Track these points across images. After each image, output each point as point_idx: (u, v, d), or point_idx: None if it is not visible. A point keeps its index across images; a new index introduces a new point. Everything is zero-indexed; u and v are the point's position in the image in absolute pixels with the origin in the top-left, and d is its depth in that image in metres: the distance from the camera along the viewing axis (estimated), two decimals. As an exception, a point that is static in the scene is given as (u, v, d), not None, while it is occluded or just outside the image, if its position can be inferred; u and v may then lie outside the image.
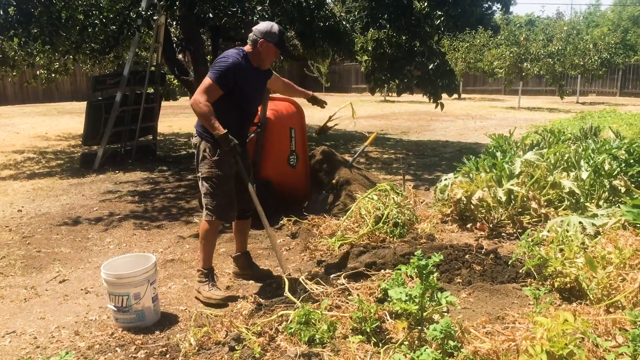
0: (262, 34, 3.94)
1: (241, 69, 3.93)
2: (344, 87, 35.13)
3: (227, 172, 4.02)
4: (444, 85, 9.71)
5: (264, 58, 4.05)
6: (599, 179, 5.34)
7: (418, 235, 5.05)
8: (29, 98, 23.91)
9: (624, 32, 34.22)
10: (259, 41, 3.95)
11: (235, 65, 3.90)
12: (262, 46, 3.96)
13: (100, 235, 5.75)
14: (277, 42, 3.98)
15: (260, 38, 3.95)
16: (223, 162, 3.99)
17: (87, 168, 9.35)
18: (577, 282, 3.34)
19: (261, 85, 4.29)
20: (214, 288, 4.10)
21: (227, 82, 3.87)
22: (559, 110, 21.08)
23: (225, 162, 3.99)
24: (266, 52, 4.00)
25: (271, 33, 3.95)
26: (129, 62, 9.59)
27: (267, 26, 3.99)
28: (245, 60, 3.99)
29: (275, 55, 4.09)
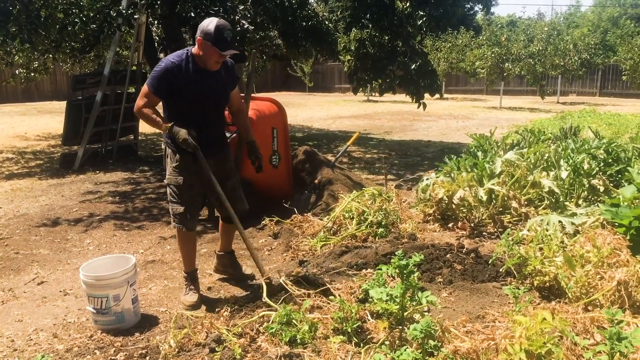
0: (201, 31, 3.58)
1: (178, 73, 3.67)
2: (327, 86, 35.14)
3: (186, 179, 3.85)
4: (426, 85, 9.75)
5: (206, 59, 3.65)
6: (578, 178, 5.39)
7: (400, 235, 5.06)
8: (7, 98, 23.56)
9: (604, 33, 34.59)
10: (199, 39, 3.60)
11: (169, 70, 3.66)
12: (200, 45, 3.60)
13: (79, 237, 5.68)
14: (215, 41, 3.53)
15: (198, 36, 3.60)
16: (182, 169, 3.84)
17: (67, 168, 9.24)
18: (556, 281, 3.38)
19: (214, 88, 3.83)
20: (189, 293, 4.03)
21: (160, 89, 3.70)
22: (540, 110, 21.29)
23: (185, 169, 3.84)
24: (205, 52, 3.62)
25: (207, 30, 3.55)
26: (109, 62, 9.49)
27: (206, 23, 3.60)
28: (188, 62, 3.71)
29: (217, 56, 3.61)
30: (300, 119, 17.32)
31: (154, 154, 11.01)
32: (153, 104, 3.78)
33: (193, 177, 3.87)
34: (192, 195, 3.94)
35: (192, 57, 3.72)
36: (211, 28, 3.54)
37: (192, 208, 3.97)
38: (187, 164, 3.82)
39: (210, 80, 3.80)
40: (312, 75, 32.64)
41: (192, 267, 4.13)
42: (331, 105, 23.58)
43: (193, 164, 3.79)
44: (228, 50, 3.61)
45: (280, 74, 34.61)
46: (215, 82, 3.84)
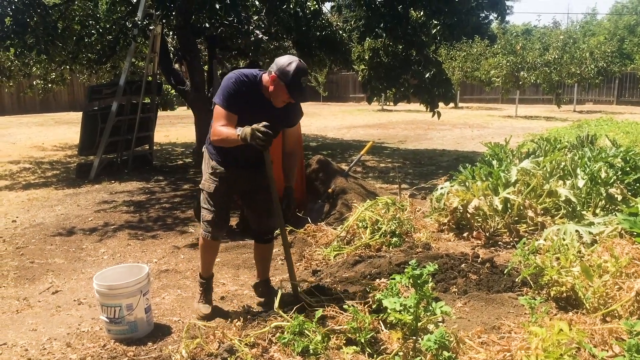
0: (277, 68, 3.39)
1: (247, 91, 3.51)
2: (341, 96, 35.20)
3: (218, 187, 3.73)
4: (441, 94, 9.71)
5: (273, 95, 3.47)
6: (596, 187, 5.32)
7: (414, 244, 5.02)
8: (26, 108, 23.91)
9: (620, 41, 34.35)
10: (271, 74, 3.42)
11: (239, 83, 3.48)
12: (273, 82, 3.41)
13: (94, 246, 5.71)
14: (289, 83, 3.36)
15: (273, 72, 3.41)
16: (216, 177, 3.74)
17: (83, 178, 9.31)
18: (574, 291, 3.32)
19: (275, 118, 3.49)
20: (202, 303, 3.99)
21: (235, 102, 3.47)
22: (556, 118, 21.11)
23: (219, 178, 3.73)
24: (275, 90, 3.44)
25: (285, 71, 3.35)
26: (125, 72, 9.58)
27: (286, 61, 3.40)
28: (257, 86, 3.53)
29: (286, 97, 3.44)
30: (314, 129, 17.32)
31: (169, 164, 11.07)
32: (232, 123, 3.46)
33: (225, 186, 3.76)
34: (223, 205, 3.82)
35: (261, 83, 3.54)
36: (289, 70, 3.35)
37: (221, 218, 3.83)
38: (224, 173, 3.71)
39: (273, 113, 3.53)
40: (327, 84, 32.75)
41: (209, 272, 4.07)
42: (345, 115, 23.59)
43: (230, 174, 3.71)
44: (300, 97, 3.47)
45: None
46: (274, 115, 3.52)
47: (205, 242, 3.95)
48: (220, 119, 3.48)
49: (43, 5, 9.31)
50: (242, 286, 4.54)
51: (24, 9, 8.59)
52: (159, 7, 8.36)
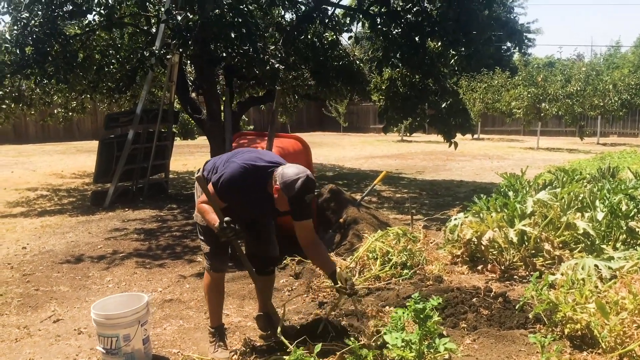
0: (282, 181, 3.26)
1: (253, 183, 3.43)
2: (362, 127, 35.19)
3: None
4: (458, 124, 9.60)
5: (277, 201, 3.37)
6: (616, 220, 5.12)
7: (425, 276, 4.86)
8: (50, 137, 24.29)
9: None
10: (275, 184, 3.31)
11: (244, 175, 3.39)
12: (277, 192, 3.31)
13: (100, 274, 5.64)
14: (291, 197, 3.27)
15: (277, 183, 3.29)
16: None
17: (97, 206, 9.32)
18: (589, 329, 3.13)
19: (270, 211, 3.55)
20: (219, 350, 3.69)
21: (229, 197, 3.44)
22: (579, 151, 20.79)
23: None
24: (279, 198, 3.34)
25: (289, 186, 3.24)
26: (141, 100, 9.64)
27: (292, 177, 3.26)
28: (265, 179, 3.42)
29: (288, 207, 3.36)
30: (332, 159, 17.26)
31: (184, 192, 11.05)
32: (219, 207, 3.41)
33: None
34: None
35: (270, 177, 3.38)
36: (296, 187, 3.23)
37: (219, 248, 3.65)
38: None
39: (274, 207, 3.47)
40: (347, 115, 32.77)
41: (219, 321, 3.81)
42: (365, 145, 23.53)
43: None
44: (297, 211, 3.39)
45: (315, 114, 34.89)
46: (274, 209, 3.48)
47: (210, 277, 3.74)
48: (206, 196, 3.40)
49: (64, 35, 9.47)
50: (245, 317, 4.41)
51: (45, 38, 8.73)
52: (175, 37, 8.43)
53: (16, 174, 13.69)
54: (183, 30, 8.23)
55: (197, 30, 8.17)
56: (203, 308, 4.63)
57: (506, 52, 42.95)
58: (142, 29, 11.02)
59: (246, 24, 8.18)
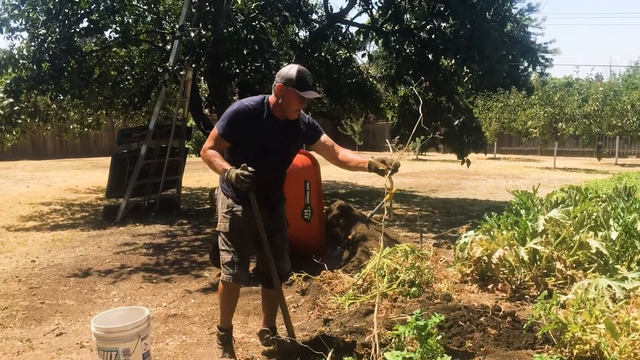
0: (281, 78, 3.43)
1: (252, 117, 3.48)
2: (377, 145, 35.11)
3: (235, 226, 3.58)
4: (471, 142, 9.52)
5: (286, 106, 3.47)
6: (630, 239, 4.99)
7: (433, 295, 4.76)
8: (67, 153, 24.57)
9: (665, 95, 33.54)
10: (276, 85, 3.46)
11: (240, 114, 3.46)
12: (280, 91, 3.43)
13: (107, 288, 5.61)
14: (297, 85, 3.38)
15: (278, 83, 3.45)
16: (233, 215, 3.59)
17: (109, 220, 9.35)
18: (598, 350, 3.02)
19: (287, 140, 3.63)
20: (227, 355, 3.73)
21: (231, 132, 3.47)
22: (597, 171, 20.52)
23: (236, 218, 3.58)
24: (286, 98, 3.44)
25: (288, 75, 3.40)
26: (154, 116, 9.71)
27: (286, 68, 3.47)
28: (264, 110, 3.52)
29: (298, 102, 3.45)
30: (345, 176, 17.19)
31: (196, 208, 11.06)
32: (221, 148, 3.54)
33: (244, 225, 3.57)
34: (242, 244, 3.64)
35: (268, 105, 3.55)
36: (293, 73, 3.41)
37: (241, 258, 3.64)
38: (238, 210, 3.58)
39: (288, 132, 3.61)
40: (363, 134, 32.80)
41: (229, 323, 3.83)
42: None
43: (245, 211, 3.55)
44: (309, 91, 3.44)
45: (331, 132, 34.89)
46: (287, 134, 3.62)
47: (225, 286, 3.69)
48: (211, 140, 3.55)
49: (80, 52, 9.61)
50: (249, 334, 4.35)
51: (61, 54, 8.86)
52: (189, 53, 8.51)
53: (31, 188, 13.83)
54: (196, 47, 8.32)
55: (210, 46, 8.24)
56: (207, 324, 4.58)
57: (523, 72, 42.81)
58: (157, 45, 11.15)
59: (258, 40, 8.25)
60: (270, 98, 3.55)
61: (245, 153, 3.53)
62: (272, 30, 10.90)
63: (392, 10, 9.86)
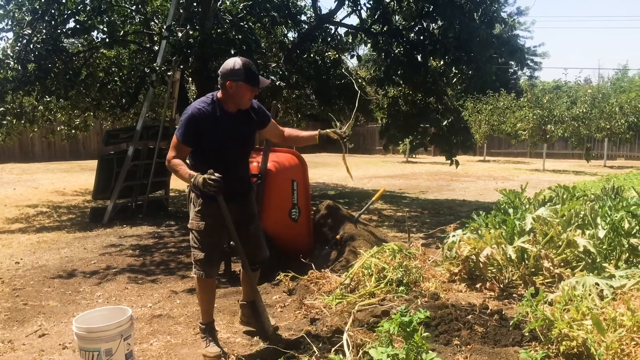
0: (226, 75, 3.55)
1: (206, 118, 3.59)
2: (367, 148, 35.14)
3: (208, 224, 3.72)
4: (459, 142, 9.51)
5: (239, 99, 3.63)
6: (618, 237, 4.99)
7: (421, 293, 4.73)
8: (55, 156, 24.34)
9: (653, 98, 33.78)
10: (227, 82, 3.56)
11: (196, 116, 3.58)
12: (231, 88, 3.56)
13: (91, 289, 5.54)
14: (245, 78, 3.53)
15: (226, 80, 3.56)
16: (205, 214, 3.72)
17: (96, 222, 9.25)
18: (585, 347, 3.00)
19: (242, 129, 3.78)
20: (210, 345, 3.84)
21: (190, 137, 3.60)
22: (585, 173, 20.62)
23: (208, 214, 3.70)
24: (237, 92, 3.58)
25: (235, 71, 3.53)
26: (142, 117, 9.63)
27: (229, 65, 3.58)
28: (214, 107, 3.64)
29: (249, 93, 3.62)
30: (335, 178, 17.17)
31: (184, 210, 10.97)
32: (183, 155, 3.66)
33: (216, 223, 3.71)
34: (214, 241, 3.80)
35: (218, 102, 3.66)
36: (238, 67, 3.53)
37: (214, 254, 3.83)
38: (210, 208, 3.68)
39: (236, 124, 3.74)
40: (353, 136, 32.68)
41: (210, 318, 3.95)
42: (369, 166, 23.43)
43: (217, 209, 3.62)
44: (259, 83, 3.65)
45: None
46: (242, 124, 3.78)
47: (200, 282, 3.86)
48: (172, 149, 3.67)
49: (66, 52, 9.52)
50: (235, 334, 4.30)
51: (47, 55, 8.77)
52: (176, 53, 8.44)
53: (18, 191, 13.69)
54: (183, 47, 8.25)
55: (197, 46, 8.18)
56: (192, 324, 4.52)
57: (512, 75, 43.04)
58: (145, 46, 11.08)
59: (246, 40, 8.20)
60: (218, 94, 3.69)
61: (208, 153, 3.68)
62: (260, 31, 10.86)
63: (380, 11, 9.86)
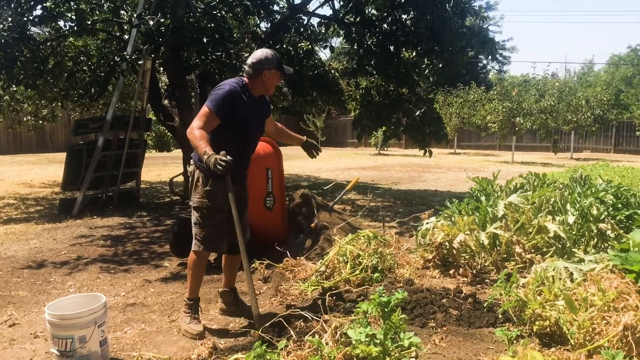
0: (262, 63, 3.88)
1: (239, 97, 3.86)
2: (339, 141, 35.22)
3: (218, 203, 3.88)
4: (432, 132, 9.59)
5: (269, 86, 4.02)
6: (586, 223, 5.10)
7: (396, 280, 4.78)
8: (22, 148, 23.84)
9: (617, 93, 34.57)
10: (263, 71, 3.89)
11: (233, 93, 3.82)
12: (265, 76, 3.92)
13: (62, 279, 5.45)
14: (278, 66, 3.94)
15: (262, 68, 3.88)
16: (215, 192, 3.86)
17: (65, 214, 9.07)
18: (558, 326, 3.06)
19: (262, 116, 4.17)
20: (194, 322, 3.95)
21: (223, 111, 3.77)
22: (553, 165, 21.01)
23: (218, 193, 3.84)
24: (270, 79, 3.96)
25: (270, 60, 3.90)
26: (112, 107, 9.46)
27: (263, 54, 3.92)
28: (245, 90, 3.92)
29: (279, 79, 4.12)
30: (308, 170, 17.17)
31: (156, 201, 10.86)
32: (210, 125, 3.78)
33: (224, 200, 3.83)
34: (222, 218, 3.95)
35: (246, 86, 3.94)
36: (271, 56, 3.91)
37: (222, 231, 3.99)
38: (219, 187, 3.80)
39: (263, 110, 4.15)
40: (325, 129, 32.76)
41: (197, 294, 4.11)
42: (341, 158, 23.50)
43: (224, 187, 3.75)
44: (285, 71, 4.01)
45: (293, 128, 34.45)
46: (264, 112, 4.18)
47: (198, 257, 4.01)
48: (201, 117, 3.75)
49: (33, 40, 9.30)
50: (210, 321, 4.28)
51: (13, 43, 8.54)
52: (147, 41, 8.32)
53: (-17, 183, 13.37)
54: (155, 35, 8.12)
55: (169, 35, 8.07)
56: (167, 312, 4.49)
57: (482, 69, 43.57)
58: (114, 35, 10.88)
59: (219, 29, 8.11)
60: (246, 79, 3.96)
61: (229, 129, 3.85)
62: (233, 21, 10.75)
63: (353, 1, 9.86)
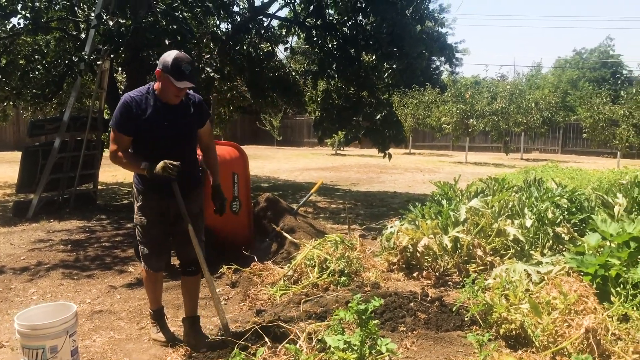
0: (160, 63, 3.44)
1: (139, 106, 3.49)
2: (296, 140, 35.28)
3: (150, 219, 3.69)
4: (392, 135, 9.76)
5: (164, 91, 3.50)
6: (543, 227, 5.32)
7: (363, 283, 4.88)
8: (-33, 148, 23.01)
9: (564, 95, 35.74)
10: (156, 70, 3.45)
11: (128, 104, 3.48)
12: (159, 77, 3.46)
13: (24, 286, 5.34)
14: (172, 72, 3.34)
15: (158, 68, 3.44)
16: (146, 208, 3.69)
17: (20, 217, 8.83)
18: (523, 329, 3.21)
19: (176, 123, 3.60)
20: (163, 330, 3.94)
21: (126, 126, 3.50)
22: (504, 165, 21.62)
23: (149, 209, 3.68)
24: (163, 84, 3.46)
25: (165, 62, 3.38)
26: (69, 108, 9.26)
27: (167, 54, 3.44)
28: (150, 98, 3.54)
29: (174, 88, 3.42)
30: (267, 171, 17.18)
31: (114, 203, 10.68)
32: (124, 145, 3.55)
33: (157, 217, 3.71)
34: (157, 235, 3.76)
35: (154, 92, 3.55)
36: (169, 60, 3.36)
37: (158, 248, 3.82)
38: (151, 203, 3.68)
39: (173, 116, 3.59)
40: (281, 129, 32.78)
41: (158, 304, 4.00)
42: (299, 158, 23.57)
43: (158, 203, 3.66)
44: (184, 82, 3.37)
45: (250, 127, 34.62)
46: (179, 117, 3.63)
47: (147, 275, 3.90)
48: (112, 141, 3.58)
49: (-16, 38, 9.04)
50: (180, 327, 4.24)
51: (-36, 40, 8.30)
52: (107, 42, 8.19)
53: None
54: (115, 36, 8.00)
55: (129, 36, 7.96)
56: (135, 319, 4.47)
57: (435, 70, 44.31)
58: (71, 34, 10.66)
59: (181, 30, 8.05)
60: (155, 85, 3.58)
61: (143, 141, 3.59)
62: (192, 21, 10.68)
63: (314, 4, 9.94)
